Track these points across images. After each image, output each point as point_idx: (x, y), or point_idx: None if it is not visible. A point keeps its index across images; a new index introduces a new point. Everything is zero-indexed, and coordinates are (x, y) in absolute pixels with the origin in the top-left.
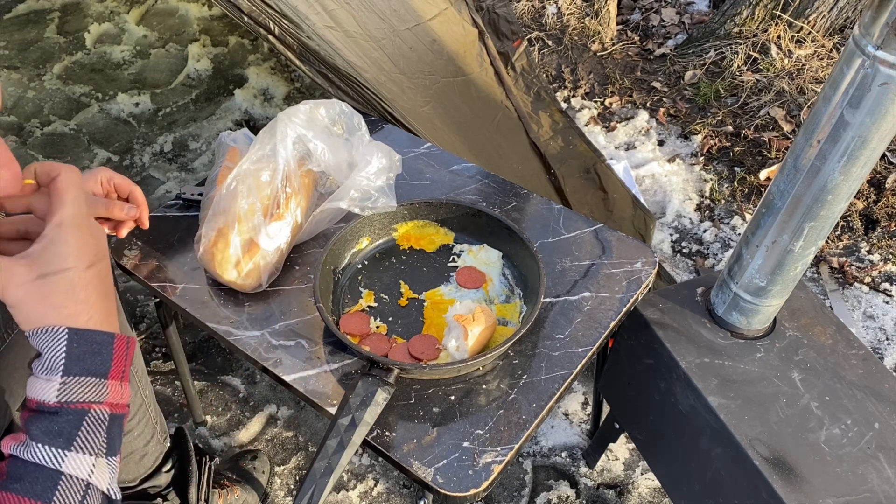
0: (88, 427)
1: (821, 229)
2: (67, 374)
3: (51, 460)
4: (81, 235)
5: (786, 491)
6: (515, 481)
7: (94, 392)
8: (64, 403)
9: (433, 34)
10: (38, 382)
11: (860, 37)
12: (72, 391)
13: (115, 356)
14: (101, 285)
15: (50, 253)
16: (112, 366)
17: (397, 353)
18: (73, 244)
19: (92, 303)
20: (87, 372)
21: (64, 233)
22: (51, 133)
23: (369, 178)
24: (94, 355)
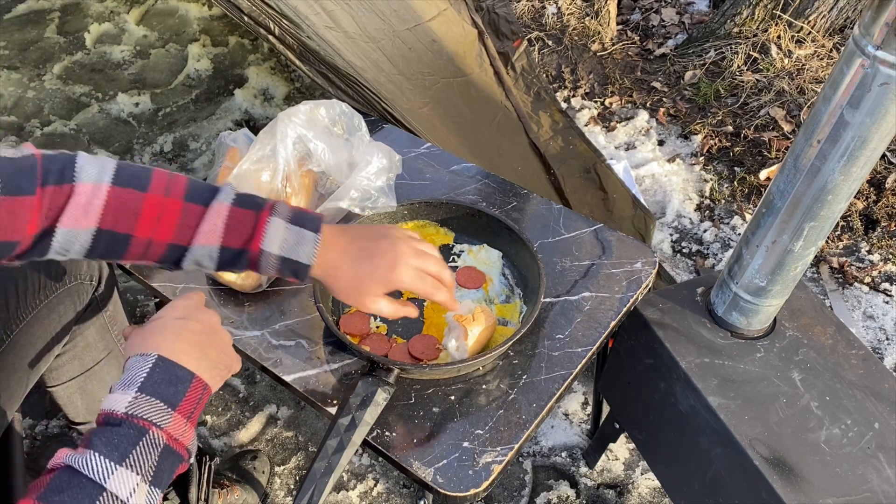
0: (144, 447)
1: (821, 229)
2: (142, 390)
3: (101, 472)
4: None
5: (786, 491)
6: (515, 481)
7: (159, 414)
8: (129, 416)
9: (433, 34)
10: (113, 395)
11: (860, 37)
12: (140, 406)
13: (188, 393)
14: (195, 337)
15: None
16: (183, 400)
17: (397, 353)
18: (181, 306)
19: (186, 346)
20: (159, 395)
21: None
22: (51, 133)
23: (369, 178)
24: (171, 385)
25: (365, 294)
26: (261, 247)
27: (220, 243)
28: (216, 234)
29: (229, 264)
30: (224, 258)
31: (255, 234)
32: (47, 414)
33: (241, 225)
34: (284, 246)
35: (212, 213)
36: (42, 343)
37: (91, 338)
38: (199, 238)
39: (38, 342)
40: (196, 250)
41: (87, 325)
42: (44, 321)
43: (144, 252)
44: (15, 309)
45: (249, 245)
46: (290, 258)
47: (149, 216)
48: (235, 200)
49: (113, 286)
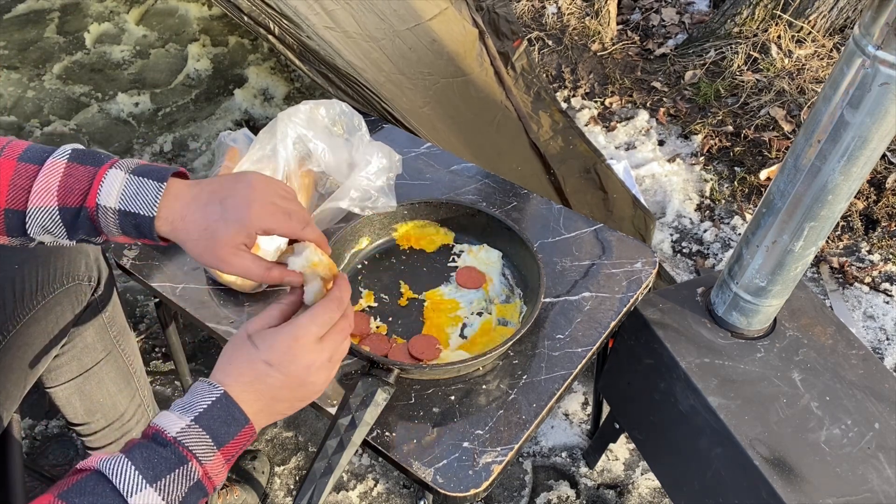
0: (179, 476)
1: (821, 229)
2: (197, 421)
3: (129, 486)
4: (292, 340)
5: (786, 491)
6: (515, 481)
7: (204, 450)
8: (177, 443)
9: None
10: (169, 416)
11: (860, 37)
12: (190, 437)
13: (237, 437)
14: (267, 392)
15: (267, 332)
16: (230, 443)
17: (397, 353)
18: (280, 338)
19: (248, 392)
20: (210, 432)
21: (287, 328)
22: (51, 133)
23: (369, 178)
24: (226, 425)
25: (220, 245)
26: (97, 201)
27: (56, 203)
28: (50, 193)
29: (76, 229)
30: (67, 220)
31: (92, 187)
32: (46, 414)
33: (77, 182)
34: (123, 198)
35: (45, 171)
36: (40, 344)
37: (90, 339)
38: (34, 199)
39: (36, 343)
40: (34, 213)
41: (85, 326)
42: (41, 322)
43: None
44: (12, 310)
45: (86, 201)
46: (130, 210)
47: None
48: (73, 156)
49: (112, 287)
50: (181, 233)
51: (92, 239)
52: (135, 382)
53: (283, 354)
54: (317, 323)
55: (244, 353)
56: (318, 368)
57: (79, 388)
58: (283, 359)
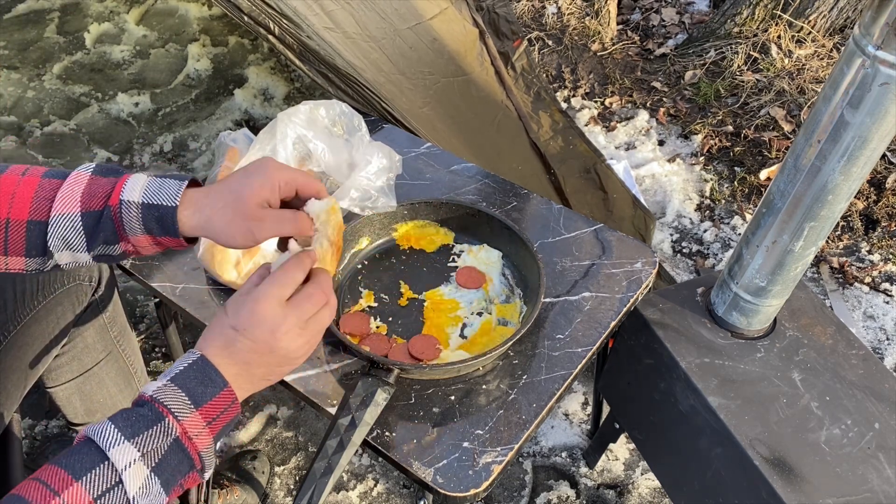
0: (156, 432)
1: (821, 229)
2: (173, 381)
3: (107, 441)
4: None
5: (786, 491)
6: (515, 481)
7: (179, 406)
8: (153, 399)
9: (434, 33)
10: (150, 383)
11: (860, 37)
12: (165, 394)
13: (216, 399)
14: (240, 358)
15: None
16: (208, 403)
17: (397, 353)
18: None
19: (222, 357)
20: (186, 390)
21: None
22: (50, 133)
23: (369, 179)
24: (202, 385)
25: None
26: (120, 197)
27: (79, 209)
28: (74, 200)
29: (97, 236)
30: (89, 227)
31: (115, 189)
32: (47, 414)
33: (101, 188)
34: (146, 193)
35: (69, 181)
36: (40, 344)
37: (90, 339)
38: (57, 206)
39: (36, 343)
40: (57, 222)
41: (86, 326)
42: (42, 322)
43: (5, 237)
44: (13, 310)
45: (109, 200)
46: (153, 203)
47: (4, 193)
48: (97, 170)
49: (113, 288)
50: (206, 208)
51: (111, 249)
52: (135, 383)
53: (246, 319)
54: (276, 284)
55: (217, 321)
56: (285, 332)
57: (79, 388)
58: (247, 323)
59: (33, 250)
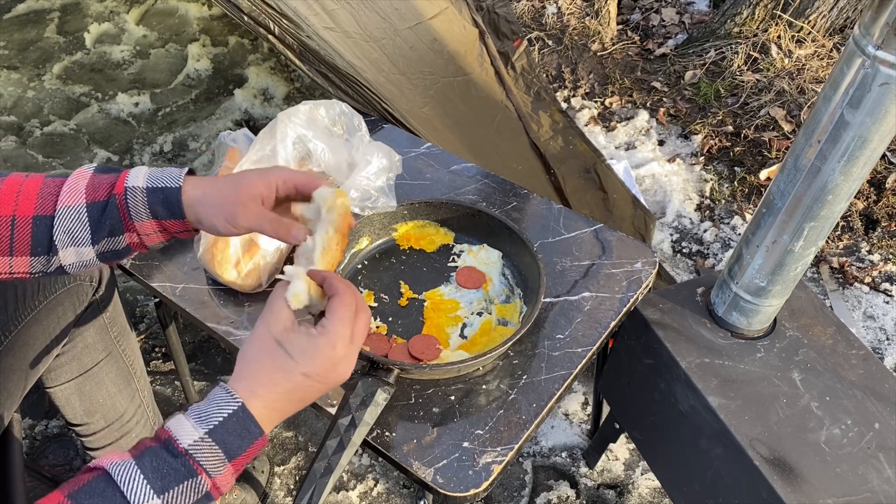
0: (187, 488)
1: (821, 229)
2: (211, 434)
3: (137, 495)
4: (331, 351)
5: (786, 491)
6: (515, 481)
7: (214, 464)
8: (188, 455)
9: (434, 33)
10: (184, 423)
11: (860, 37)
12: (202, 451)
13: (248, 451)
14: (299, 397)
15: (300, 339)
16: (241, 456)
17: (397, 353)
18: (320, 351)
19: (280, 400)
20: (223, 445)
21: (324, 339)
22: (50, 133)
23: (369, 178)
24: (240, 438)
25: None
26: (125, 184)
27: (85, 200)
28: (79, 192)
29: (102, 227)
30: (94, 217)
31: (119, 179)
32: (46, 414)
33: (104, 181)
34: (150, 178)
35: (73, 177)
36: (41, 344)
37: (90, 339)
38: (63, 199)
39: (36, 343)
40: (62, 214)
41: (86, 326)
42: (43, 322)
43: (10, 235)
44: (14, 310)
45: (114, 189)
46: (157, 186)
47: (8, 192)
48: (98, 169)
49: (113, 288)
50: (206, 185)
51: (116, 242)
52: (135, 383)
53: (323, 366)
54: (346, 324)
55: (278, 362)
56: (350, 364)
57: (79, 389)
58: (324, 369)
59: (38, 247)
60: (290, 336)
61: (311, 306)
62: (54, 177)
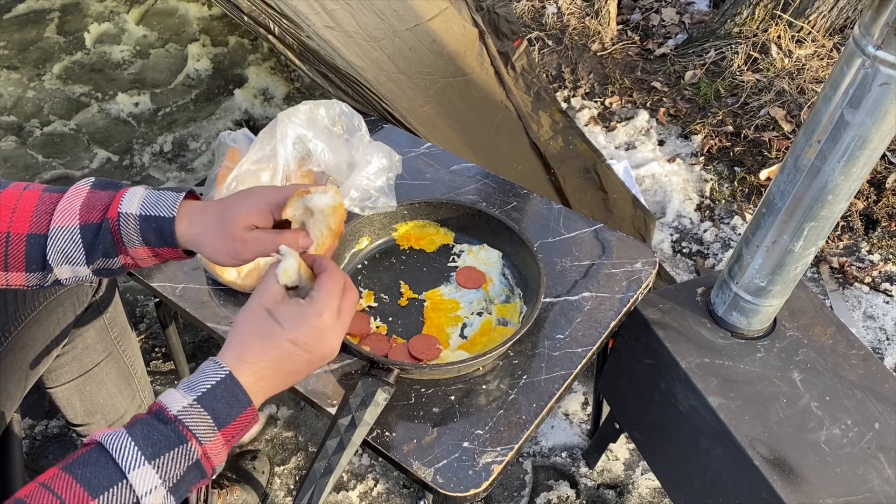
0: (177, 455)
1: (821, 229)
2: (199, 401)
3: (128, 461)
4: (318, 320)
5: (786, 491)
6: (515, 481)
7: (204, 430)
8: (178, 421)
9: (433, 34)
10: (174, 394)
11: (860, 37)
12: (191, 416)
13: (238, 419)
14: (288, 368)
15: (288, 308)
16: (231, 424)
17: (397, 353)
18: (307, 319)
19: (268, 369)
20: (212, 411)
21: (311, 308)
22: (50, 133)
23: (369, 178)
24: (228, 406)
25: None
26: (118, 210)
27: (78, 222)
28: (73, 213)
29: (95, 249)
30: (88, 239)
31: (113, 202)
32: (47, 414)
33: (99, 200)
34: (143, 205)
35: (68, 195)
36: (41, 344)
37: (90, 339)
38: (56, 219)
39: (37, 344)
40: (56, 234)
41: (86, 326)
42: (43, 323)
43: (6, 252)
44: (14, 310)
45: (108, 213)
46: (151, 214)
47: (5, 207)
48: (96, 184)
49: (113, 288)
50: (199, 225)
51: (111, 262)
52: (135, 383)
53: (310, 333)
54: (334, 296)
55: (267, 330)
56: (337, 336)
57: (79, 389)
58: (310, 337)
59: (33, 264)
60: (279, 306)
61: (301, 287)
62: (52, 191)
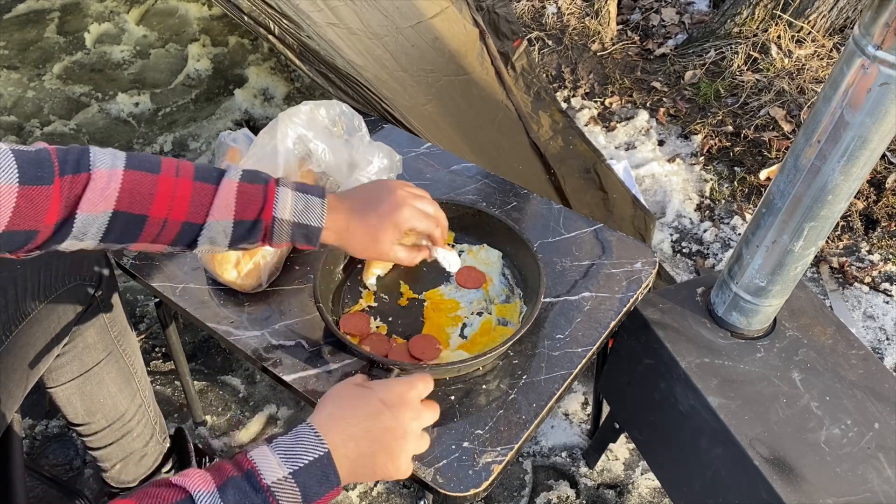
0: None
1: (821, 229)
2: (294, 476)
3: None
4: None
5: (786, 491)
6: (515, 481)
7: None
8: (270, 493)
9: (435, 32)
10: (270, 458)
11: (860, 37)
12: (284, 491)
13: (322, 499)
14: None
15: (379, 380)
16: (315, 502)
17: (397, 353)
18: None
19: (359, 430)
20: (303, 489)
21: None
22: (51, 133)
23: (370, 178)
24: (318, 485)
25: (380, 242)
26: (273, 214)
27: (233, 218)
28: (230, 209)
29: (242, 239)
30: (238, 232)
31: (267, 204)
32: (47, 414)
33: (252, 198)
34: (295, 212)
35: (223, 190)
36: (42, 344)
37: (91, 339)
38: (214, 214)
39: (37, 343)
40: (212, 226)
41: (87, 326)
42: (44, 322)
43: (159, 233)
44: (15, 309)
45: (262, 215)
46: (302, 222)
47: (163, 196)
48: (243, 177)
49: (113, 287)
50: (345, 238)
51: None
52: (135, 383)
53: (397, 397)
54: (422, 384)
55: (359, 392)
56: (414, 430)
57: (79, 388)
58: (397, 401)
59: (179, 243)
60: (367, 382)
61: None
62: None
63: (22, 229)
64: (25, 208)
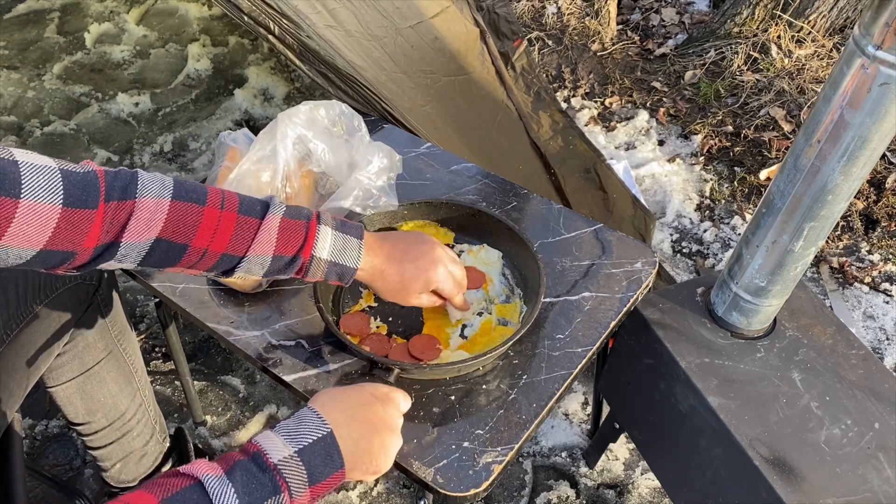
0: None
1: (821, 229)
2: (300, 454)
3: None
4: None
5: (786, 491)
6: (515, 481)
7: (297, 484)
8: (277, 471)
9: (435, 32)
10: (274, 439)
11: (860, 37)
12: (290, 468)
13: (329, 479)
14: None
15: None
16: (321, 483)
17: (397, 353)
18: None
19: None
20: (309, 467)
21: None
22: (50, 133)
23: (370, 178)
24: (323, 464)
25: (409, 293)
26: (312, 253)
27: (273, 253)
28: (271, 244)
29: (277, 272)
30: (275, 266)
31: (307, 242)
32: (47, 414)
33: (293, 235)
34: (333, 251)
35: (266, 224)
36: (42, 343)
37: (91, 338)
38: (255, 248)
39: (38, 342)
40: (251, 259)
41: (87, 325)
42: (44, 321)
43: (198, 261)
44: (15, 308)
45: (302, 252)
46: (339, 262)
47: (207, 227)
48: (286, 213)
49: (113, 287)
50: (378, 282)
51: (281, 276)
52: (135, 382)
53: (384, 395)
54: (401, 395)
55: (350, 386)
56: (398, 427)
57: (80, 388)
58: (384, 397)
59: (215, 271)
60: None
61: None
62: (247, 213)
63: (59, 250)
64: (65, 230)
